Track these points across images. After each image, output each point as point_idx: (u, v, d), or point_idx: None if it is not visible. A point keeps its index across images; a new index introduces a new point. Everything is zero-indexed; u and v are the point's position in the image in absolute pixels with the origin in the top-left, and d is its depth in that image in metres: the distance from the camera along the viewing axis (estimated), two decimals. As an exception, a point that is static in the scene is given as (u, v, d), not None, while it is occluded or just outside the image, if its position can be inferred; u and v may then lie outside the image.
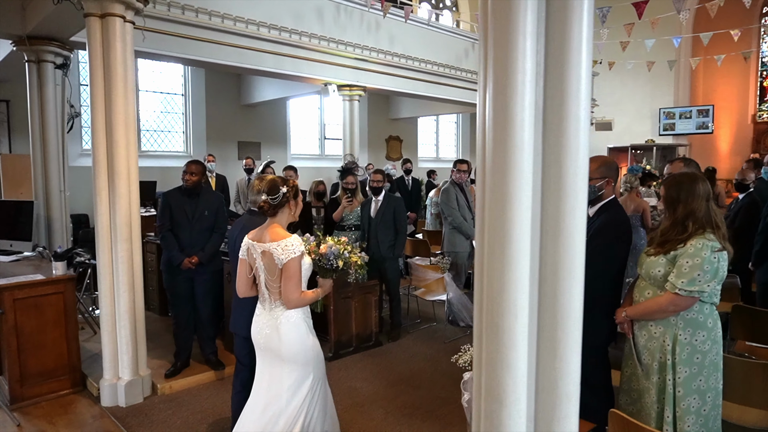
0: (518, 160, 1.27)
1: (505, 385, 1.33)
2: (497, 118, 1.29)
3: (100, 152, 3.75)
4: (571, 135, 1.27)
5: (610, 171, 2.77)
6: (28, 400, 3.93)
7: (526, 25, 1.25)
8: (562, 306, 1.34)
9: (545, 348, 1.36)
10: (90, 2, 3.64)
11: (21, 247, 4.89)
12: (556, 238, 1.30)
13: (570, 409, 1.41)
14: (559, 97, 1.26)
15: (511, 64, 1.27)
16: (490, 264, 1.31)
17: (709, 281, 2.36)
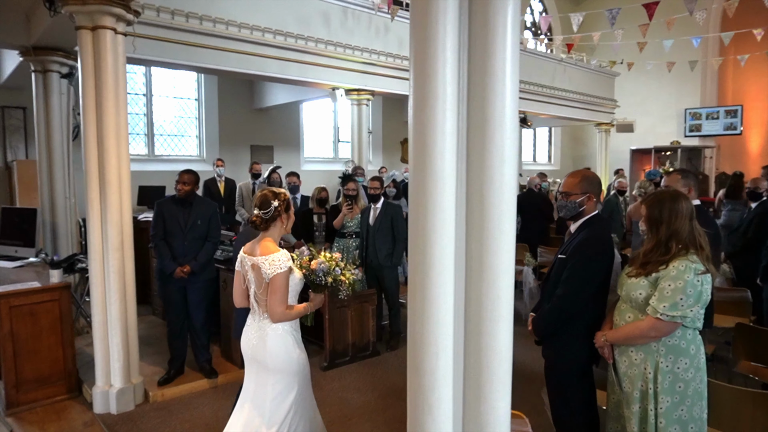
0: (440, 189, 1.20)
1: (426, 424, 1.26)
2: (417, 138, 1.23)
3: (91, 162, 3.80)
4: (495, 170, 1.19)
5: (591, 186, 2.65)
6: (24, 406, 4.01)
7: (446, 45, 1.18)
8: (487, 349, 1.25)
9: (471, 390, 1.28)
10: (81, 15, 3.68)
11: (25, 253, 5.00)
12: (479, 283, 1.23)
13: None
14: (482, 121, 1.19)
15: (430, 76, 1.20)
16: (412, 299, 1.25)
17: (692, 306, 2.24)
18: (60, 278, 4.18)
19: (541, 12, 16.67)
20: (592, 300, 2.56)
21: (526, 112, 10.90)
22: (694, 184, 3.31)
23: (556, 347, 2.63)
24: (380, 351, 5.22)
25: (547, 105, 11.14)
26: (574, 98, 11.74)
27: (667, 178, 3.42)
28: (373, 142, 12.65)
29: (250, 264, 2.67)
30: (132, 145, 9.16)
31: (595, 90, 12.39)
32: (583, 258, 2.52)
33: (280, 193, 2.75)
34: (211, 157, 9.67)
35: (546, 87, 10.93)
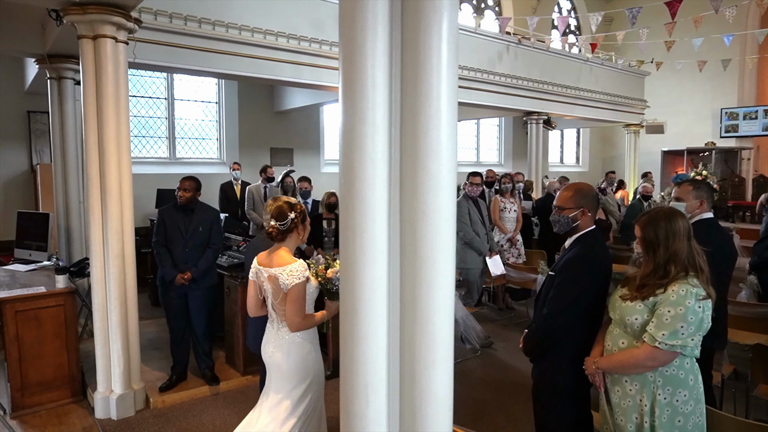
0: (370, 220, 1.10)
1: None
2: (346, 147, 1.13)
3: (92, 170, 3.83)
4: (429, 202, 1.09)
5: (585, 200, 2.50)
6: (29, 409, 4.08)
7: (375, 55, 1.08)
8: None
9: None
10: (82, 25, 3.71)
11: (38, 256, 5.11)
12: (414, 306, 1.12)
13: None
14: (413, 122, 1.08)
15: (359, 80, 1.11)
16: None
17: (693, 334, 2.08)
18: (65, 284, 4.24)
19: (569, 10, 16.27)
20: (584, 320, 2.41)
21: (549, 113, 10.62)
22: (706, 195, 3.11)
23: (544, 369, 2.49)
24: (386, 360, 5.13)
25: (572, 106, 10.83)
26: (601, 99, 11.38)
27: (678, 189, 3.23)
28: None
29: (267, 275, 2.71)
30: (153, 148, 9.32)
31: (624, 90, 11.99)
32: (570, 276, 2.38)
33: (296, 205, 2.80)
34: (232, 159, 9.75)
35: (570, 88, 10.63)
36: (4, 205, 7.40)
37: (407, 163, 1.11)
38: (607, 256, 2.50)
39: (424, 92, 1.09)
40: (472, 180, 5.62)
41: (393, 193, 1.12)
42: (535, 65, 9.92)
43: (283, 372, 2.73)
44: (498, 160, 14.93)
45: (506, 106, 9.75)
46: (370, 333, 1.13)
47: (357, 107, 1.11)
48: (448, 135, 1.13)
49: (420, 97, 1.09)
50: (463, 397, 4.42)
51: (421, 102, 1.09)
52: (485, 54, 9.05)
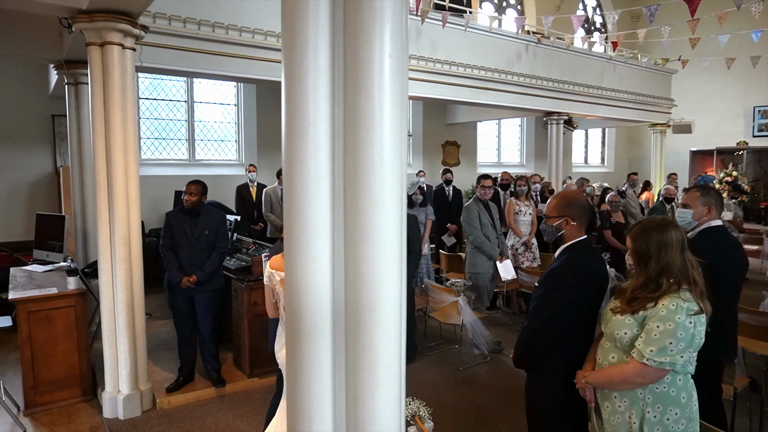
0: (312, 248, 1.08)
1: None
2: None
3: (100, 176, 3.91)
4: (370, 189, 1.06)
5: (569, 209, 2.42)
6: (40, 407, 4.19)
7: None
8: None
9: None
10: (90, 32, 3.79)
11: (55, 258, 5.24)
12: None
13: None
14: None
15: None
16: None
17: (683, 351, 1.99)
18: (76, 285, 4.34)
19: (594, 8, 15.93)
20: (573, 332, 2.33)
21: (570, 113, 10.41)
22: (715, 202, 2.99)
23: (533, 380, 2.43)
24: (393, 365, 5.10)
25: (594, 106, 10.59)
26: (625, 98, 11.11)
27: (685, 195, 3.11)
28: (413, 145, 12.53)
29: (279, 279, 2.77)
30: (174, 150, 9.48)
31: (649, 89, 11.67)
32: (550, 288, 2.31)
33: None
34: (250, 161, 9.85)
35: (592, 87, 10.39)
36: (30, 206, 7.62)
37: (350, 183, 1.08)
38: (597, 267, 2.41)
39: (366, 113, 1.06)
40: (483, 183, 5.54)
41: (336, 214, 1.10)
42: (556, 64, 9.73)
43: None
44: (520, 160, 14.72)
45: (525, 106, 9.60)
46: (314, 354, 1.11)
47: (299, 128, 1.08)
48: (391, 153, 1.09)
49: (361, 124, 1.06)
50: (467, 403, 4.37)
51: (362, 129, 1.06)
52: (503, 54, 8.92)
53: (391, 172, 1.09)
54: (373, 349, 1.09)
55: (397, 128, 1.09)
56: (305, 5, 1.04)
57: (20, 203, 7.60)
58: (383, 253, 1.08)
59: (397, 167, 1.11)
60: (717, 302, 2.87)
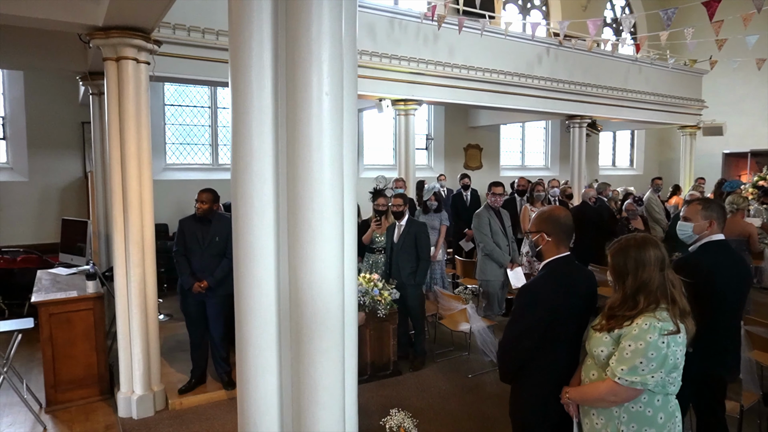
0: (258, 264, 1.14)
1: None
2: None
3: (115, 184, 4.07)
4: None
5: (545, 225, 2.42)
6: (60, 405, 4.38)
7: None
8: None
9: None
10: (106, 48, 3.96)
11: (79, 261, 5.47)
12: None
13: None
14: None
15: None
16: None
17: (654, 371, 1.97)
18: (95, 289, 4.52)
19: (623, 7, 15.60)
20: (556, 348, 2.31)
21: (593, 116, 10.24)
22: (717, 216, 2.92)
23: (514, 395, 2.44)
24: (402, 371, 5.14)
25: (619, 108, 10.40)
26: (651, 100, 10.85)
27: (687, 208, 3.05)
28: (435, 148, 12.52)
29: None
30: (198, 155, 9.74)
31: (678, 90, 11.38)
32: (521, 304, 2.32)
33: None
34: (271, 165, 10.04)
35: (617, 89, 10.20)
36: (61, 209, 7.96)
37: (291, 214, 1.14)
38: (582, 282, 2.39)
39: (304, 150, 1.11)
40: (494, 190, 5.53)
41: (281, 240, 1.15)
42: (578, 67, 9.60)
43: None
44: (544, 163, 14.54)
45: (545, 110, 9.50)
46: (259, 375, 1.17)
47: (245, 164, 1.15)
48: (330, 185, 1.14)
49: (300, 161, 1.12)
50: (472, 411, 4.37)
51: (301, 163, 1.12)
52: (523, 57, 8.85)
53: (331, 203, 1.14)
54: (315, 372, 1.15)
55: (336, 161, 1.14)
56: (249, 51, 1.10)
57: (51, 206, 7.95)
58: (323, 282, 1.13)
59: (336, 198, 1.16)
60: (715, 318, 2.84)
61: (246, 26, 1.16)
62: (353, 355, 1.27)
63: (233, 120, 1.23)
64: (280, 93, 1.15)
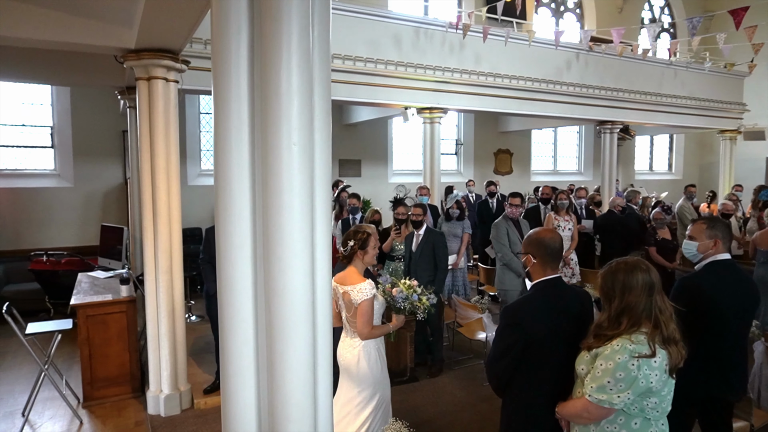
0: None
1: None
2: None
3: (145, 194, 4.34)
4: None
5: (531, 247, 2.47)
6: (96, 401, 4.69)
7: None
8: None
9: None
10: (138, 68, 4.23)
11: (116, 265, 5.82)
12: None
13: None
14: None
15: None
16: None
17: (622, 391, 2.02)
18: (128, 293, 4.82)
19: (662, 7, 15.21)
20: (540, 367, 2.34)
21: (626, 122, 10.06)
22: (722, 235, 2.92)
23: (503, 410, 2.50)
24: (419, 377, 5.24)
25: (653, 114, 10.17)
26: (688, 104, 10.56)
27: (692, 227, 3.04)
28: (464, 153, 12.54)
29: (342, 292, 3.15)
30: (231, 161, 10.07)
31: (716, 94, 11.02)
32: (503, 324, 2.40)
33: (359, 233, 3.22)
34: (302, 171, 10.29)
35: (651, 94, 9.98)
36: (102, 214, 8.43)
37: (266, 255, 1.29)
38: (571, 303, 2.42)
39: (276, 197, 1.26)
40: (512, 201, 5.57)
41: (258, 275, 1.30)
42: (609, 72, 9.45)
43: (353, 375, 3.15)
44: (577, 168, 14.33)
45: (575, 116, 9.40)
46: (239, 387, 1.32)
47: (227, 214, 1.32)
48: (300, 228, 1.28)
49: (272, 208, 1.27)
50: (483, 421, 4.42)
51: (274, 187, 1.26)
52: (551, 63, 8.79)
53: (300, 248, 1.28)
54: (285, 387, 1.29)
55: (306, 206, 1.28)
56: (229, 107, 1.27)
57: (94, 211, 8.42)
58: (292, 311, 1.27)
59: (305, 243, 1.30)
60: (719, 339, 2.84)
61: (226, 84, 1.32)
62: (328, 354, 1.42)
63: (215, 178, 1.40)
64: (257, 144, 1.31)
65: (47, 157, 8.40)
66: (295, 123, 1.28)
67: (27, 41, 3.91)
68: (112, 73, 5.81)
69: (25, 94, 8.18)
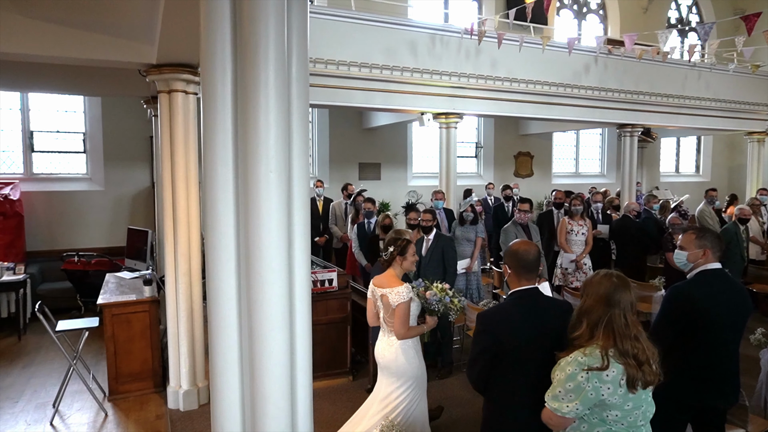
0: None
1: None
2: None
3: (166, 201, 4.59)
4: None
5: (507, 258, 2.58)
6: (120, 395, 4.97)
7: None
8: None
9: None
10: (160, 82, 4.49)
11: (141, 267, 6.12)
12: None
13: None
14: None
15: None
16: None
17: (571, 401, 2.10)
18: (151, 293, 5.09)
19: (689, 6, 14.93)
20: (509, 374, 2.45)
21: (647, 125, 9.97)
22: (711, 246, 2.96)
23: (483, 410, 2.62)
24: (428, 379, 5.35)
25: (675, 116, 10.05)
26: (712, 106, 10.41)
27: (682, 237, 3.10)
28: (484, 156, 12.58)
29: (380, 294, 3.40)
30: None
31: (743, 95, 10.81)
32: (477, 331, 2.51)
33: (399, 240, 3.47)
34: (322, 174, 10.54)
35: (673, 96, 9.88)
36: (131, 216, 8.80)
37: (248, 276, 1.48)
38: (539, 314, 2.48)
39: (256, 225, 1.45)
40: (521, 207, 5.65)
41: (241, 285, 1.47)
42: (629, 75, 9.39)
43: (392, 371, 3.37)
44: (600, 170, 14.19)
45: (594, 119, 9.38)
46: (226, 387, 1.50)
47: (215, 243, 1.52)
48: (277, 250, 1.46)
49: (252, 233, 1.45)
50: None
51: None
52: (569, 67, 8.79)
53: (277, 264, 1.45)
54: (263, 384, 1.47)
55: (282, 227, 1.46)
56: (215, 140, 1.46)
57: (123, 213, 8.80)
58: (270, 320, 1.45)
59: (281, 260, 1.48)
60: (709, 347, 2.89)
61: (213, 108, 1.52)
62: (307, 356, 1.59)
63: (204, 175, 1.61)
64: (240, 168, 1.50)
65: (80, 162, 8.83)
66: (272, 153, 1.45)
67: (60, 59, 4.23)
68: (138, 85, 6.10)
69: (59, 103, 8.61)
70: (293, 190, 1.53)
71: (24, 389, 5.19)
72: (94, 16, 3.96)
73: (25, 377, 5.47)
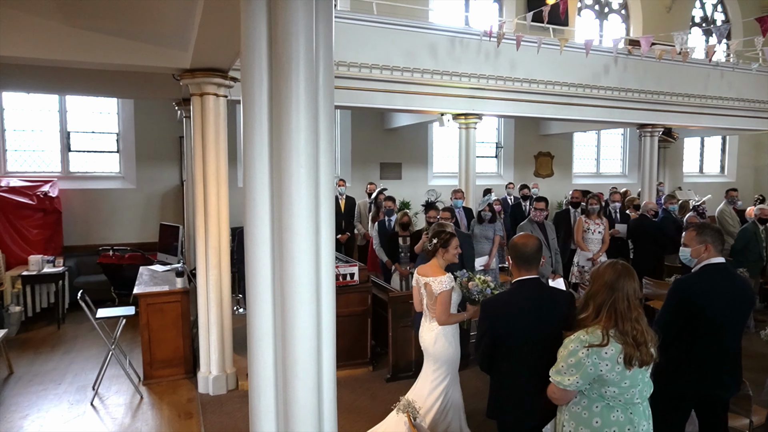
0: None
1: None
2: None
3: (198, 197, 4.88)
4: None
5: (510, 250, 2.83)
6: (154, 380, 5.29)
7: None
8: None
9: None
10: (192, 85, 4.78)
11: (172, 260, 6.44)
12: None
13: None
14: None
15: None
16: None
17: (571, 375, 2.30)
18: (182, 285, 5.39)
19: (714, 5, 14.78)
20: (509, 356, 2.67)
21: (667, 125, 9.98)
22: (711, 240, 3.09)
23: (490, 388, 2.82)
24: (445, 370, 5.55)
25: (696, 116, 10.04)
26: (735, 106, 10.35)
27: (685, 234, 3.24)
28: (504, 156, 12.68)
29: (424, 282, 3.70)
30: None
31: (766, 94, 10.72)
32: (480, 317, 2.71)
33: (443, 233, 3.76)
34: (344, 174, 10.79)
35: (694, 96, 9.86)
36: (161, 213, 9.19)
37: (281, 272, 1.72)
38: (539, 301, 2.67)
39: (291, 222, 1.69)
40: (536, 206, 5.80)
41: (276, 275, 1.72)
42: (650, 75, 9.42)
43: (431, 354, 3.71)
44: (621, 171, 14.15)
45: (613, 120, 9.44)
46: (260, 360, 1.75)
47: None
48: (306, 246, 1.71)
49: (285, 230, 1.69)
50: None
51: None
52: (588, 68, 8.87)
53: (306, 247, 1.69)
54: (294, 347, 1.73)
55: (311, 215, 1.71)
56: (253, 140, 1.71)
57: (153, 210, 9.19)
58: (299, 293, 1.69)
59: (310, 243, 1.72)
60: (711, 339, 3.03)
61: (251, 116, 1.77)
62: (330, 327, 1.85)
63: (245, 170, 1.87)
64: (274, 170, 1.75)
65: (113, 161, 9.25)
66: (302, 151, 1.69)
67: (98, 65, 4.55)
68: (170, 88, 6.43)
69: (94, 105, 9.04)
70: (320, 183, 1.78)
71: (65, 373, 5.55)
72: (134, 26, 4.26)
73: (66, 362, 5.83)
